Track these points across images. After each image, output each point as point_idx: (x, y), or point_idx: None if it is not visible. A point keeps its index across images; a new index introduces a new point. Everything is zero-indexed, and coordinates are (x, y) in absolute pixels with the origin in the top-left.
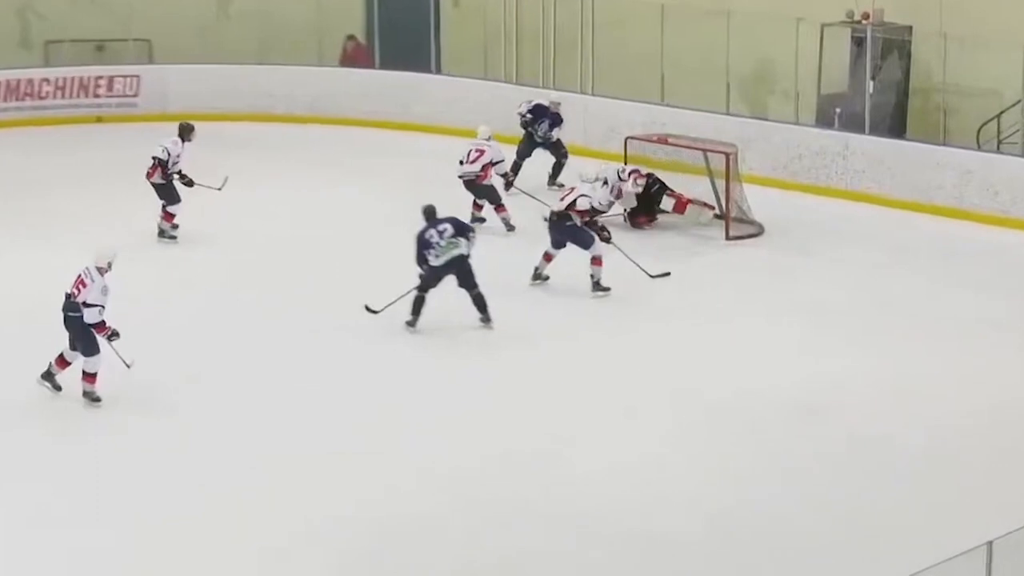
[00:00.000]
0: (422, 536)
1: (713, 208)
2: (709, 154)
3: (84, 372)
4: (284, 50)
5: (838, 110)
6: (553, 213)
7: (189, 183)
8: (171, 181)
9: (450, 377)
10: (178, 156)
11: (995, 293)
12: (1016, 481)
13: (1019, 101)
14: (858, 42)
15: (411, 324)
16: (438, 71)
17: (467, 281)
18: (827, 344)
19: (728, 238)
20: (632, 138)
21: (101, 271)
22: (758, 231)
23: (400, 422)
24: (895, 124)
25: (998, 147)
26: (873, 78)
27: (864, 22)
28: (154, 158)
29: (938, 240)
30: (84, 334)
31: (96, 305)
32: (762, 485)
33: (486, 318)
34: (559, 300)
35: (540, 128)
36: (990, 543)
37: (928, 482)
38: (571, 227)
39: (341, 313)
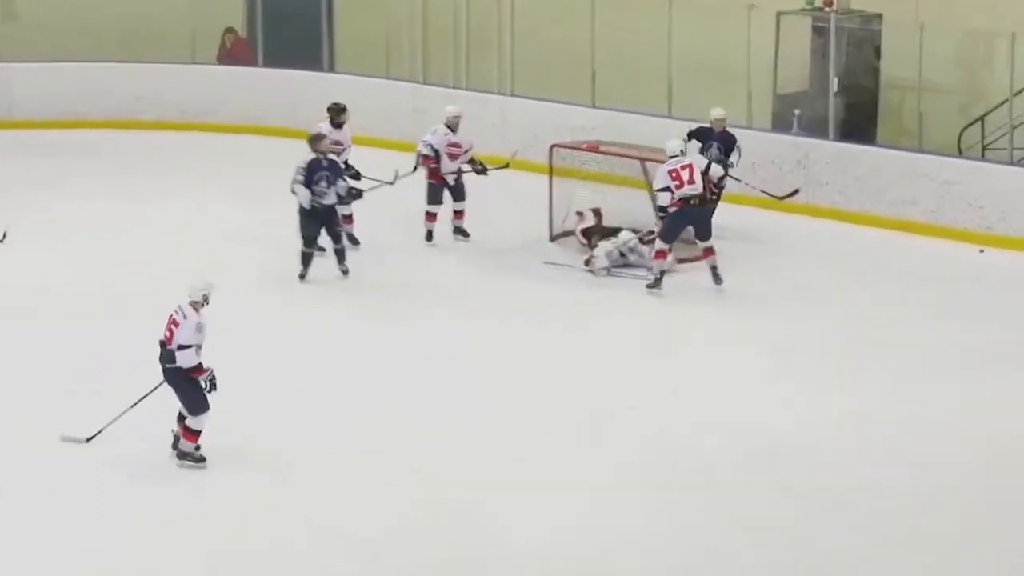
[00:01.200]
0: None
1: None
2: (648, 164)
3: (186, 427)
4: (152, 46)
5: (797, 112)
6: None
7: None
8: None
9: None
10: None
11: (978, 321)
12: (1007, 531)
13: (1005, 101)
14: (820, 33)
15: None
16: (331, 69)
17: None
18: (788, 380)
19: (679, 260)
20: (558, 146)
21: (195, 306)
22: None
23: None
24: (863, 128)
25: (982, 154)
26: (838, 75)
27: (827, 10)
28: None
29: (913, 261)
30: (186, 386)
31: (189, 346)
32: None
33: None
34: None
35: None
36: None
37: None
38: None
39: None
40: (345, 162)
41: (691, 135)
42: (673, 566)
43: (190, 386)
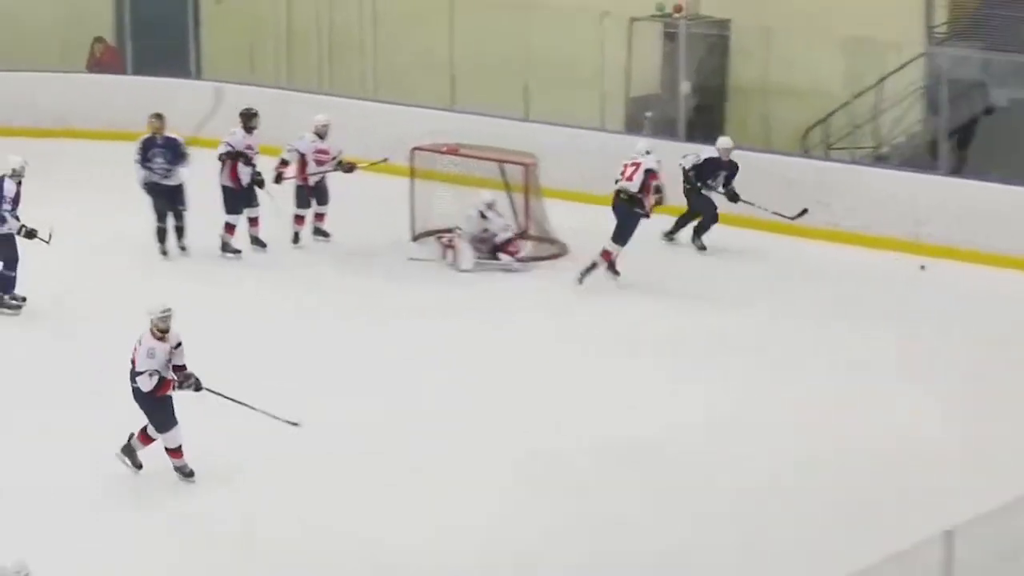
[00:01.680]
0: None
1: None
2: (506, 166)
3: (166, 449)
4: (24, 54)
5: (649, 114)
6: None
7: None
8: None
9: None
10: None
11: (830, 319)
12: (865, 523)
13: (847, 103)
14: (671, 38)
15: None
16: (198, 75)
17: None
18: (646, 381)
19: (518, 259)
20: (419, 148)
21: (153, 332)
22: (560, 251)
23: None
24: (711, 129)
25: (827, 154)
26: (688, 79)
27: (676, 16)
28: None
29: (760, 259)
30: (149, 406)
31: (143, 372)
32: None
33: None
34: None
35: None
36: None
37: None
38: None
39: None
40: (255, 169)
41: (696, 168)
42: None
43: (153, 407)
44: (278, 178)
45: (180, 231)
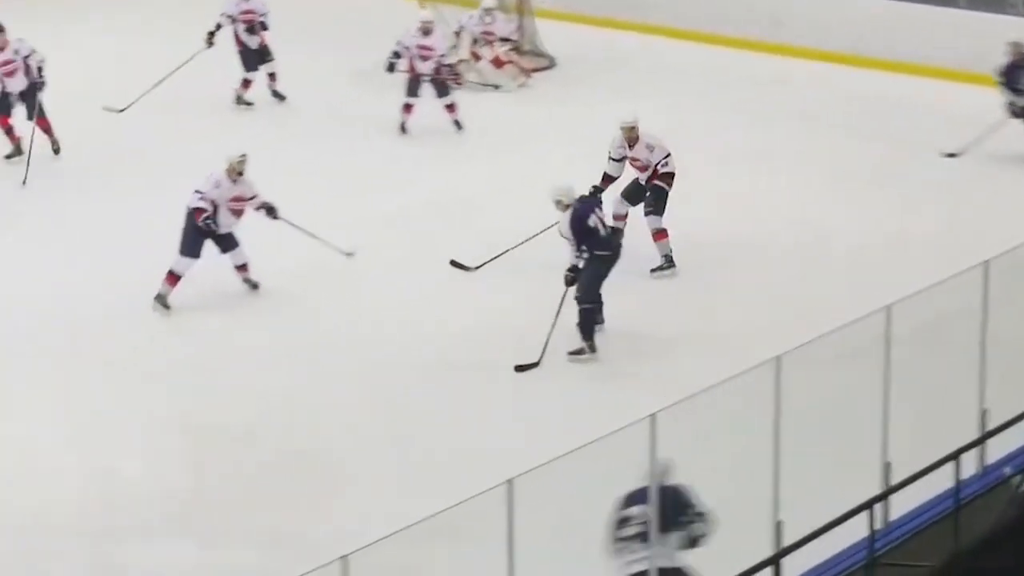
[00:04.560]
0: None
1: (530, 74)
2: None
3: (169, 270)
4: None
5: None
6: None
7: None
8: None
9: None
10: None
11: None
12: None
13: None
14: None
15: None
16: None
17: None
18: None
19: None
20: None
21: (228, 173)
22: (550, 64)
23: None
24: None
25: None
26: None
27: None
28: None
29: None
30: (185, 224)
31: (199, 192)
32: None
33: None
34: None
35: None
36: None
37: None
38: None
39: None
40: None
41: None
42: None
43: (188, 226)
44: (390, 68)
45: None
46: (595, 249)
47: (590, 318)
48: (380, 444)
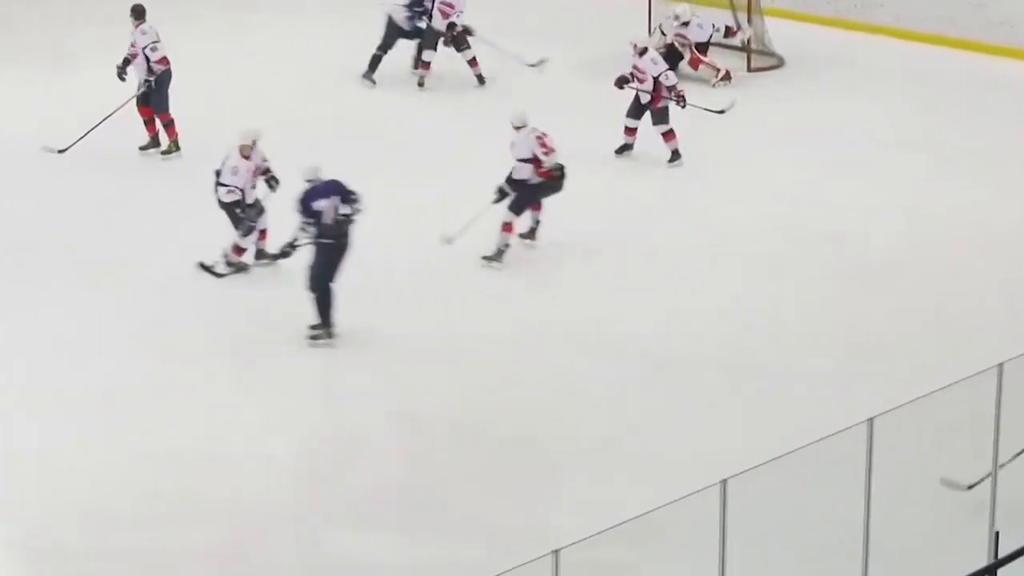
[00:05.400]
0: None
1: (725, 75)
2: None
3: (233, 243)
4: None
5: None
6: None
7: None
8: None
9: None
10: None
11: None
12: None
13: None
14: None
15: None
16: None
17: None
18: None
19: (749, 70)
20: None
21: (241, 152)
22: (779, 63)
23: None
24: None
25: None
26: None
27: None
28: None
29: (966, 72)
30: (229, 213)
31: (227, 185)
32: None
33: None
34: None
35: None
36: None
37: None
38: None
39: None
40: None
41: None
42: None
43: (226, 212)
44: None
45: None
46: (319, 236)
47: (325, 306)
48: (595, 440)
